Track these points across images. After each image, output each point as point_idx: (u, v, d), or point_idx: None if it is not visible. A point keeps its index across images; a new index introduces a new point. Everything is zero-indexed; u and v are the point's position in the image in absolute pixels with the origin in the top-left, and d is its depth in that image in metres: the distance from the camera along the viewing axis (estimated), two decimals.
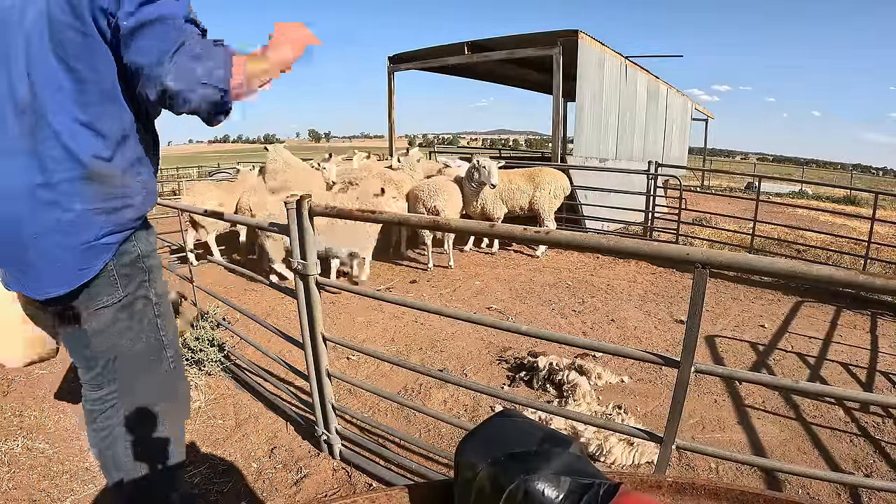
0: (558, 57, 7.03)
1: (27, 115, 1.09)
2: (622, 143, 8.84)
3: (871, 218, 4.96)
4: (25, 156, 1.10)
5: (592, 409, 2.40)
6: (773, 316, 3.99)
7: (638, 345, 3.37)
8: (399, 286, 4.71)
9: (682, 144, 13.01)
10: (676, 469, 2.03)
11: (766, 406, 2.55)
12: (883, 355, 3.28)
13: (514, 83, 13.69)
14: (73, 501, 1.82)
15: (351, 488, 1.90)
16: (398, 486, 0.63)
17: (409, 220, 1.62)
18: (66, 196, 1.12)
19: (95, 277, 1.18)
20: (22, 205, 1.10)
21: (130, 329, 1.29)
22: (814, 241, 6.43)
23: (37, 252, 1.13)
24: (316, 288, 1.79)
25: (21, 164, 1.10)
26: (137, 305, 1.29)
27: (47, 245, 1.13)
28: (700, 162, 21.71)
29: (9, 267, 1.19)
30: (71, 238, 1.14)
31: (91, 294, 1.20)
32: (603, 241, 1.30)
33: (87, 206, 1.14)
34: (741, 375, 1.26)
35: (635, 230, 7.08)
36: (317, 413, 2.01)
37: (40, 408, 2.43)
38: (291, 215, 1.72)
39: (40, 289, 1.16)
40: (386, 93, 9.64)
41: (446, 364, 3.03)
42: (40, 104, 1.09)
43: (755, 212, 5.56)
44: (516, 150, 31.34)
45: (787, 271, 1.06)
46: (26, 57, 1.08)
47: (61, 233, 1.13)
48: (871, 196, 6.47)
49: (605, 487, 0.48)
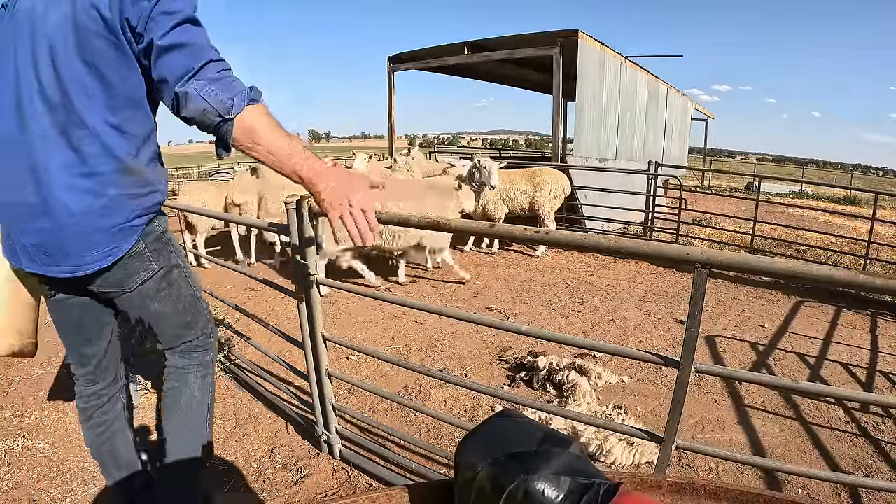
0: (558, 57, 7.03)
1: (58, 111, 1.18)
2: (622, 143, 8.84)
3: (871, 218, 4.96)
4: (62, 148, 1.19)
5: (592, 409, 2.40)
6: (773, 316, 3.99)
7: (638, 345, 3.37)
8: (399, 286, 4.71)
9: (682, 144, 13.01)
10: (676, 469, 2.03)
11: (766, 406, 2.55)
12: (883, 355, 3.28)
13: (514, 83, 13.69)
14: (73, 501, 1.82)
15: (351, 488, 1.90)
16: (398, 486, 0.63)
17: (410, 220, 1.62)
18: (103, 184, 1.22)
19: (130, 257, 1.30)
20: (60, 190, 1.19)
21: (170, 295, 1.42)
22: (814, 241, 6.43)
23: (70, 233, 1.22)
24: (316, 288, 1.79)
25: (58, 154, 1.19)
26: (172, 274, 1.42)
27: (82, 227, 1.22)
28: (700, 162, 21.71)
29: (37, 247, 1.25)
30: (104, 220, 1.24)
31: (129, 272, 1.32)
32: (603, 241, 1.30)
33: (120, 192, 1.25)
34: (741, 375, 1.26)
35: (635, 230, 7.08)
36: (317, 413, 2.01)
37: (40, 408, 2.43)
38: (291, 215, 1.72)
39: (72, 267, 1.24)
40: (386, 93, 9.65)
41: (446, 364, 3.03)
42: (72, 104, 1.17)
43: (755, 212, 5.56)
44: (516, 150, 31.34)
45: (787, 271, 1.06)
46: (51, 57, 1.15)
47: (96, 216, 1.22)
48: (871, 196, 6.47)
49: (605, 487, 0.48)
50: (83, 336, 1.44)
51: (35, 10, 1.16)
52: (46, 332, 1.57)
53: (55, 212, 1.20)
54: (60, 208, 1.20)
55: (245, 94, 1.14)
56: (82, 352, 1.47)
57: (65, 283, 1.31)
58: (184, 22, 1.14)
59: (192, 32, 1.15)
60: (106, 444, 1.55)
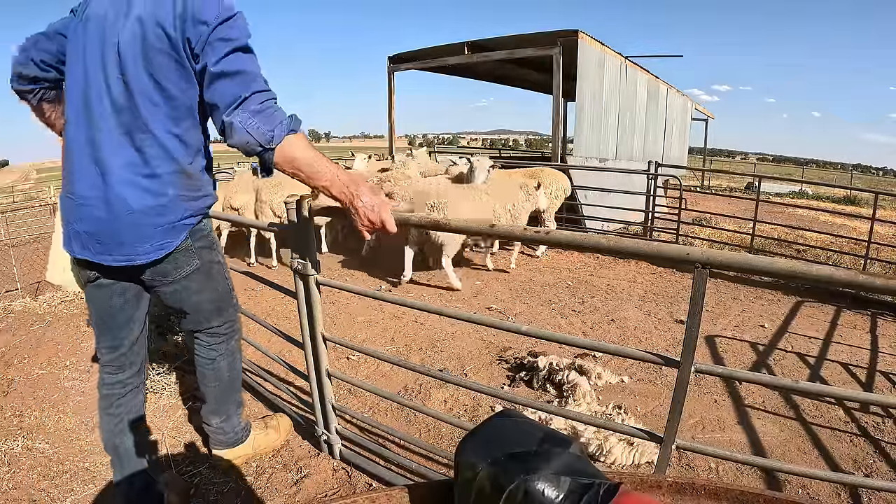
0: (558, 57, 7.03)
1: (124, 114, 1.29)
2: (622, 143, 8.84)
3: (871, 218, 4.96)
4: (126, 148, 1.31)
5: (592, 409, 2.39)
6: (773, 316, 3.99)
7: (638, 345, 3.37)
8: (399, 286, 4.71)
9: (682, 144, 13.00)
10: (676, 469, 2.03)
11: (766, 406, 2.55)
12: (883, 355, 3.28)
13: (514, 83, 13.68)
14: (73, 501, 1.82)
15: (351, 488, 1.90)
16: (398, 486, 0.63)
17: (410, 220, 1.62)
18: (162, 185, 1.35)
19: (179, 252, 1.44)
20: (121, 186, 1.31)
21: (209, 287, 1.60)
22: (814, 241, 6.43)
23: (126, 224, 1.33)
24: (316, 288, 1.79)
25: (122, 152, 1.31)
26: (214, 269, 1.60)
27: (138, 221, 1.33)
28: (700, 162, 21.72)
29: (91, 235, 1.35)
30: (160, 218, 1.36)
31: (177, 265, 1.46)
32: (603, 241, 1.30)
33: (178, 193, 1.38)
34: (741, 375, 1.26)
35: (635, 230, 7.08)
36: (317, 413, 2.01)
37: (40, 408, 2.43)
38: (292, 215, 1.72)
39: (126, 257, 1.36)
40: (386, 93, 9.64)
41: (446, 364, 3.03)
42: (138, 110, 1.29)
43: (755, 212, 5.56)
44: (516, 150, 31.32)
45: (787, 271, 1.06)
46: (120, 70, 1.27)
47: (153, 214, 1.35)
48: (871, 196, 6.47)
49: (605, 487, 0.48)
50: (118, 322, 1.54)
51: (106, 18, 1.27)
52: (46, 332, 1.57)
53: (114, 205, 1.31)
54: (119, 203, 1.31)
55: (285, 124, 1.25)
56: (115, 335, 1.56)
57: (113, 271, 1.41)
58: (237, 50, 1.25)
59: (243, 60, 1.26)
60: (120, 435, 1.61)
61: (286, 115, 1.27)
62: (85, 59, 1.29)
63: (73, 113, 1.33)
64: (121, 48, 1.25)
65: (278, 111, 1.26)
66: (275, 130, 1.23)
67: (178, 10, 1.23)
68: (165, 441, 2.17)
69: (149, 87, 1.28)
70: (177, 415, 2.38)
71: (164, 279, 1.47)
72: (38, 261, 7.05)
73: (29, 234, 9.56)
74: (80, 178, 1.33)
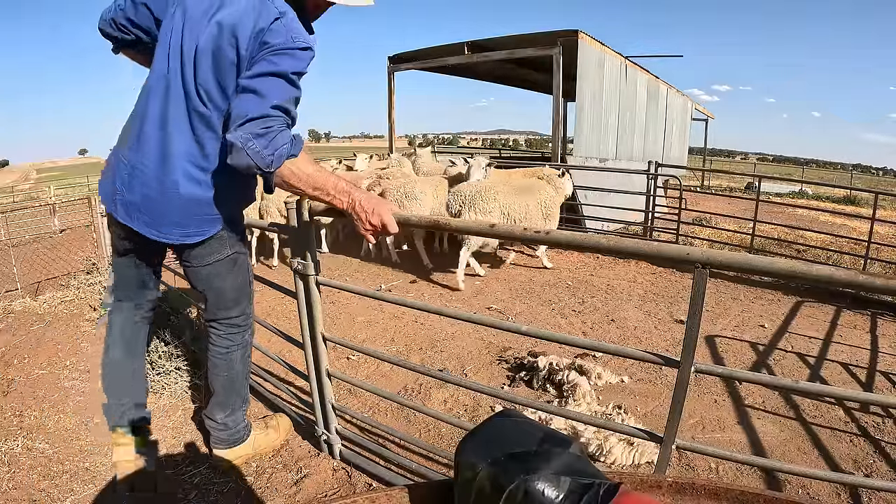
0: (558, 57, 7.03)
1: (194, 105, 1.40)
2: (622, 143, 8.84)
3: (871, 218, 4.96)
4: (188, 136, 1.42)
5: (592, 409, 2.39)
6: (773, 316, 3.99)
7: (638, 345, 3.37)
8: (399, 286, 4.71)
9: (682, 144, 13.00)
10: (676, 469, 2.03)
11: (766, 406, 2.55)
12: (883, 355, 3.28)
13: (514, 83, 13.68)
14: (73, 501, 1.82)
15: (351, 488, 1.90)
16: (398, 486, 0.63)
17: (410, 220, 1.61)
18: (212, 179, 1.47)
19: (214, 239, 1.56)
20: (177, 172, 1.42)
21: (233, 275, 1.70)
22: (814, 241, 6.43)
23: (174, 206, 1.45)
24: (316, 288, 1.79)
25: (184, 140, 1.42)
26: (241, 259, 1.71)
27: (184, 206, 1.46)
28: (700, 162, 21.71)
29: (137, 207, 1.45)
30: (204, 208, 1.49)
31: (211, 250, 1.59)
32: (603, 241, 1.30)
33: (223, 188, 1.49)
34: (741, 375, 1.26)
35: (635, 230, 7.07)
36: (317, 413, 2.01)
37: (40, 408, 2.43)
38: (292, 215, 1.72)
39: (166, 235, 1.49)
40: (386, 93, 9.64)
41: (446, 364, 3.03)
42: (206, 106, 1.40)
43: (755, 212, 5.56)
44: (516, 150, 31.30)
45: (787, 271, 1.06)
46: (195, 64, 1.38)
47: (199, 203, 1.47)
48: (871, 196, 6.47)
49: (605, 487, 0.48)
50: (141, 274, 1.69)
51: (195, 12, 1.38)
52: (46, 332, 1.57)
53: (167, 187, 1.43)
54: (172, 186, 1.43)
55: (286, 148, 1.29)
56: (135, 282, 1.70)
57: (148, 240, 1.51)
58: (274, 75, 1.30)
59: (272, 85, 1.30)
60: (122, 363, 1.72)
61: (289, 139, 1.30)
62: (170, 41, 1.40)
63: (155, 83, 1.42)
64: (199, 45, 1.36)
65: (281, 135, 1.29)
66: (274, 155, 1.27)
67: (256, 28, 1.32)
68: (165, 441, 2.17)
69: (214, 87, 1.38)
70: (177, 415, 2.38)
71: (195, 262, 1.60)
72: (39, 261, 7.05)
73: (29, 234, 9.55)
74: (142, 147, 1.42)
